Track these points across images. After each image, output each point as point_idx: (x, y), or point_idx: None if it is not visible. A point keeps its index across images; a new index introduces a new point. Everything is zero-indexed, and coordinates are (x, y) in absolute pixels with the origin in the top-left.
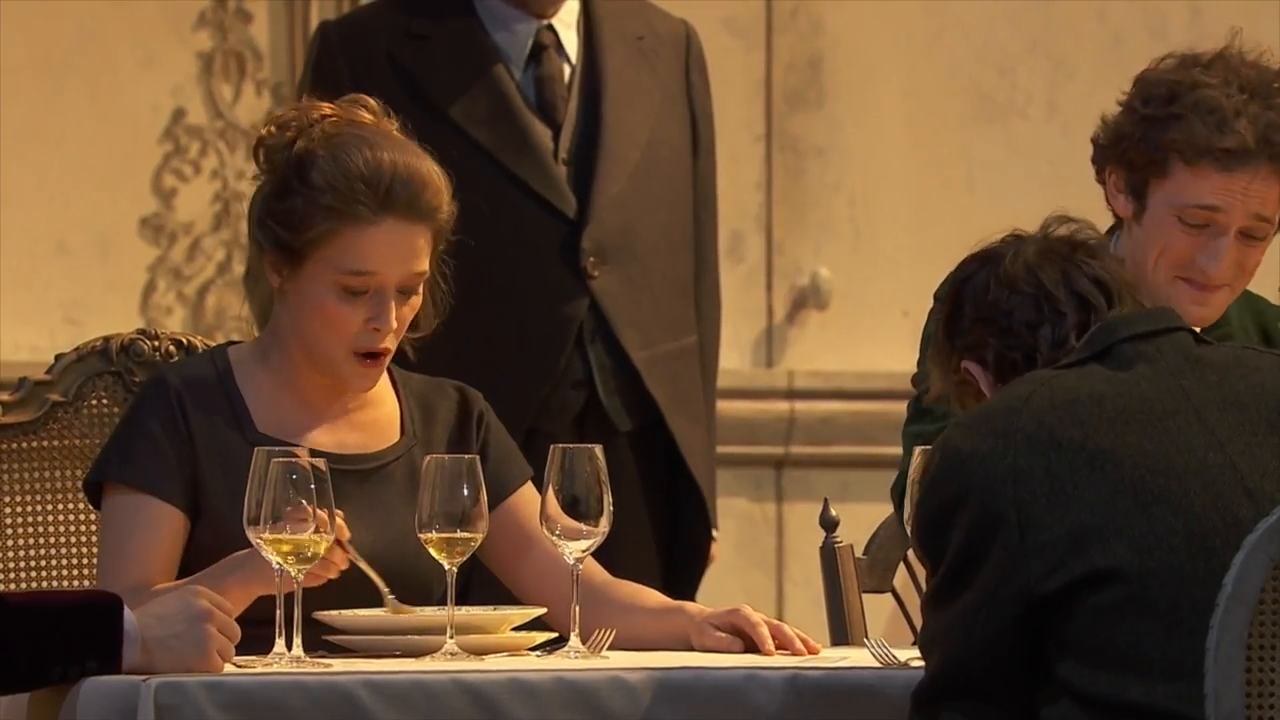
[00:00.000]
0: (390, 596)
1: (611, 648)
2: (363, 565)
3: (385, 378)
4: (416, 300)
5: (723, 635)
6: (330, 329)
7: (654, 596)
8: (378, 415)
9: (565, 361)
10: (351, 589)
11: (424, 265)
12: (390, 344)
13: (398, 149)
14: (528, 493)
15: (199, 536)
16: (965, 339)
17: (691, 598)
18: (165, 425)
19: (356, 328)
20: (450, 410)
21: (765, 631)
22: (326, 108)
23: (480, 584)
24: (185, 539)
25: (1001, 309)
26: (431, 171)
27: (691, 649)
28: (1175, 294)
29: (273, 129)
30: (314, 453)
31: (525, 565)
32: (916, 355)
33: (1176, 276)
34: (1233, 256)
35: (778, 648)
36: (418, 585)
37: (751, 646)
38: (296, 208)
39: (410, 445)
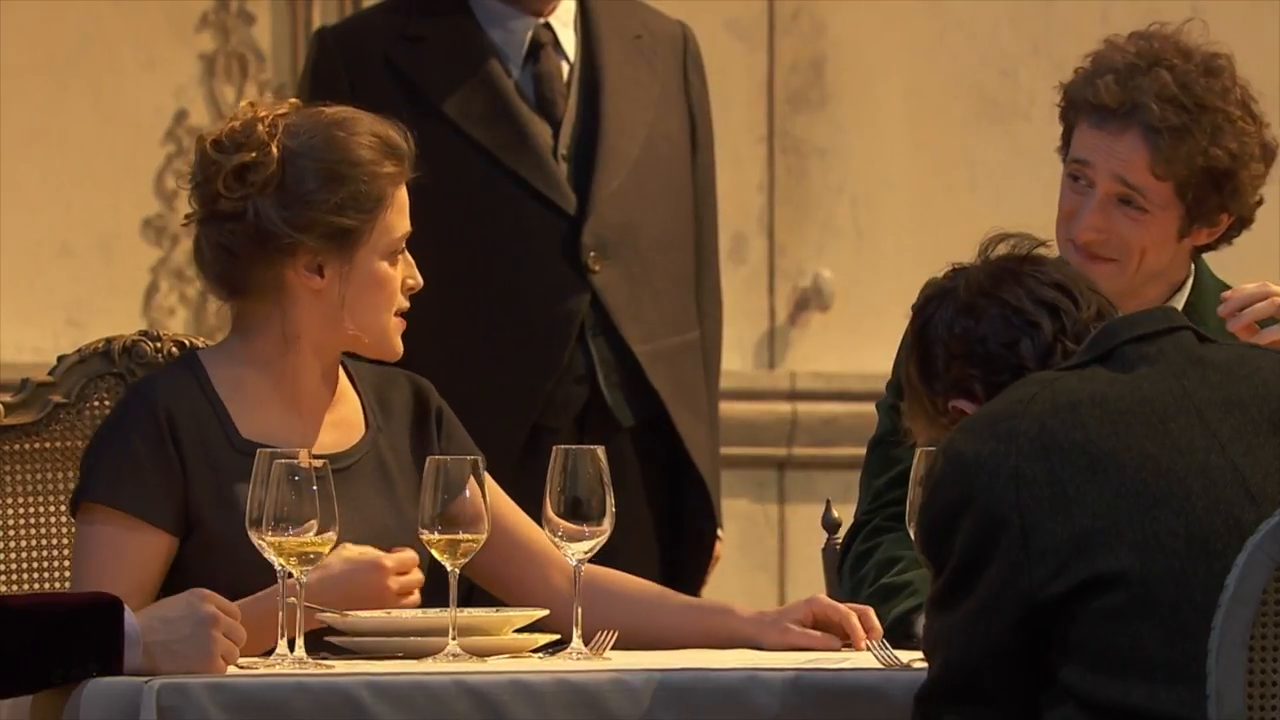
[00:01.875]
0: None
1: (624, 647)
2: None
3: (343, 373)
4: None
5: (817, 633)
6: (387, 298)
7: (676, 595)
8: (345, 413)
9: (568, 357)
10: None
11: None
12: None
13: (377, 117)
14: (493, 483)
15: (190, 550)
16: (945, 380)
17: (697, 594)
18: (152, 447)
19: (398, 290)
20: (405, 399)
21: (856, 621)
22: (261, 109)
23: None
24: (171, 561)
25: (974, 338)
26: (408, 133)
27: (749, 648)
28: (1063, 255)
29: (224, 149)
30: None
31: (517, 554)
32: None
33: (1067, 239)
34: (1105, 219)
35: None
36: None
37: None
38: (351, 189)
39: (374, 438)
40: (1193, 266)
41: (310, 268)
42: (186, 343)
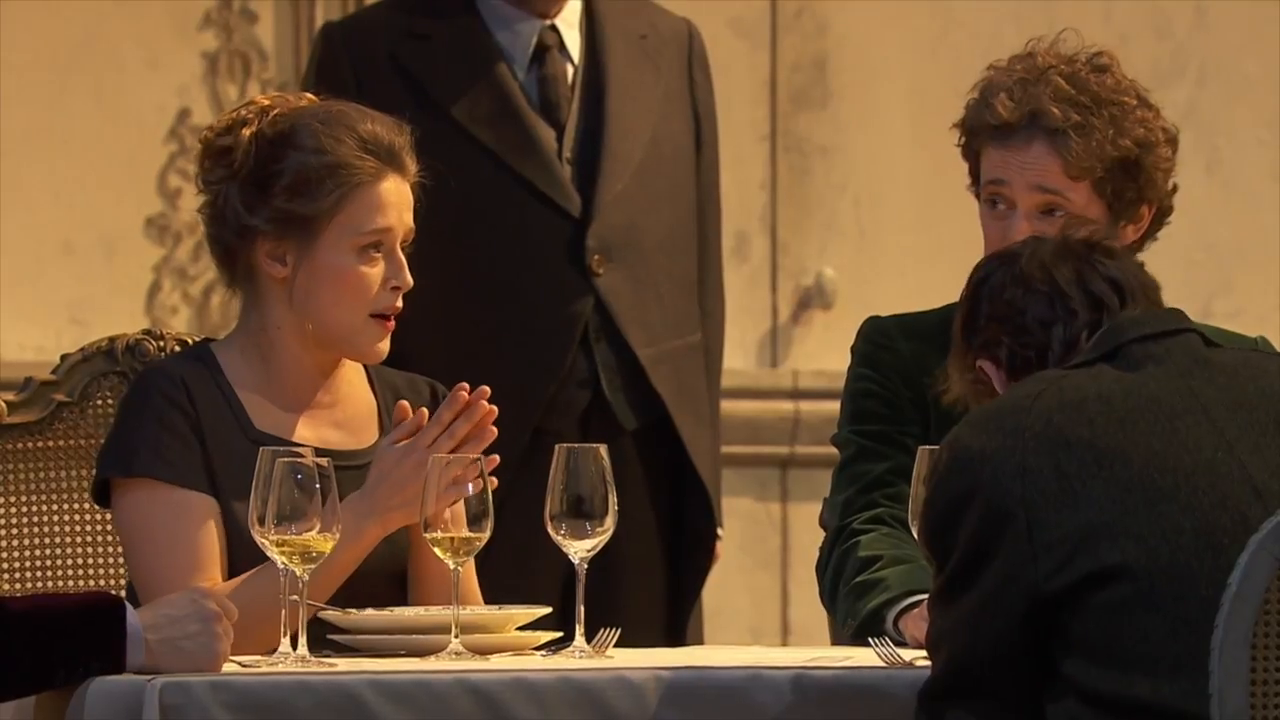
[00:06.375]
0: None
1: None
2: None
3: (362, 376)
4: None
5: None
6: (354, 295)
7: None
8: (358, 413)
9: (570, 360)
10: (355, 589)
11: (412, 220)
12: (401, 302)
13: (376, 114)
14: None
15: None
16: (981, 337)
17: (697, 595)
18: (180, 415)
19: (375, 290)
20: (423, 404)
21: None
22: (263, 98)
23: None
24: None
25: (1016, 307)
26: (405, 131)
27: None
28: None
29: (221, 133)
30: None
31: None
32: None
33: None
34: (1035, 232)
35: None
36: (406, 580)
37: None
38: (305, 176)
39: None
40: None
41: (274, 255)
42: (189, 341)
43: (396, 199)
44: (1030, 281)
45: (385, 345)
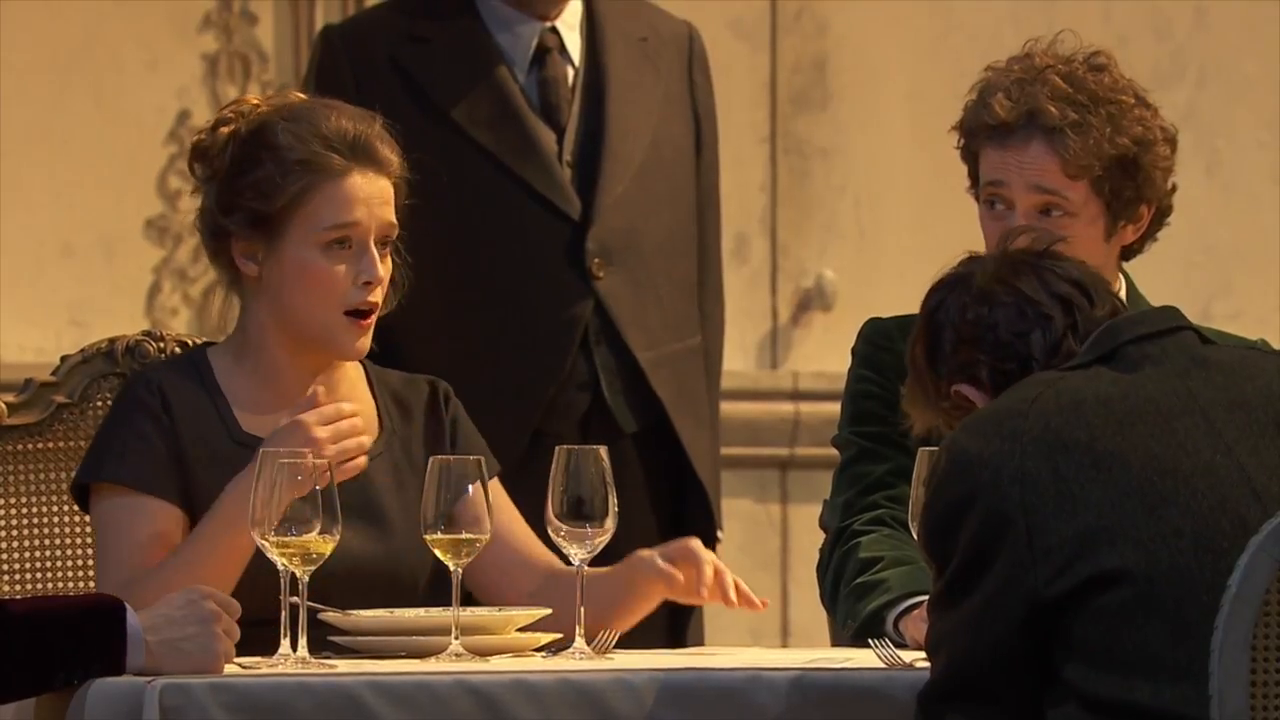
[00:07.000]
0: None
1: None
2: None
3: (361, 376)
4: (388, 260)
5: (665, 567)
6: (321, 292)
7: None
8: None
9: (570, 363)
10: (355, 590)
11: (394, 216)
12: (378, 298)
13: (346, 109)
14: (495, 488)
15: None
16: (951, 363)
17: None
18: (153, 422)
19: (345, 286)
20: (423, 404)
21: (710, 572)
22: (253, 98)
23: None
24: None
25: (985, 324)
26: (383, 126)
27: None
28: None
29: (205, 134)
30: None
31: (486, 559)
32: (839, 416)
33: None
34: None
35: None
36: (408, 579)
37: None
38: (267, 173)
39: (389, 440)
40: (1122, 279)
41: (247, 254)
42: (189, 343)
43: (365, 194)
44: (993, 296)
45: (365, 343)
